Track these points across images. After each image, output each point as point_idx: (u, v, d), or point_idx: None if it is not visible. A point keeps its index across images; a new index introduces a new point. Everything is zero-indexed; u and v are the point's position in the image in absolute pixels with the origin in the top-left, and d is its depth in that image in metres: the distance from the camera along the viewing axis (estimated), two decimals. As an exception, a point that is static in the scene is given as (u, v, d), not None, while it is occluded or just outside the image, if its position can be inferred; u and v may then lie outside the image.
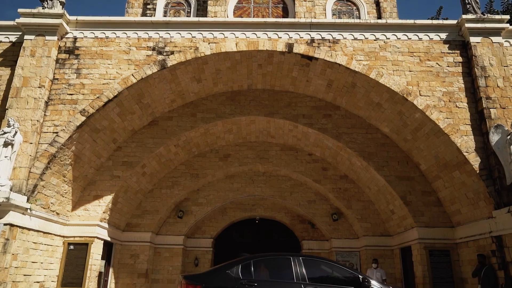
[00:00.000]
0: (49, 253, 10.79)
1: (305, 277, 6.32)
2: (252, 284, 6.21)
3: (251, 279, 6.28)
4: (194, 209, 14.84)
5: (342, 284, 6.35)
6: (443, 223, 11.76)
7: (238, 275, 6.31)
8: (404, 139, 11.96)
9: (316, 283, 6.31)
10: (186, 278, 6.37)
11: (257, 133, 14.15)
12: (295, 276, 6.32)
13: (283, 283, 6.28)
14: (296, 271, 6.37)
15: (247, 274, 6.35)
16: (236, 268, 6.41)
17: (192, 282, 6.24)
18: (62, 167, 10.52)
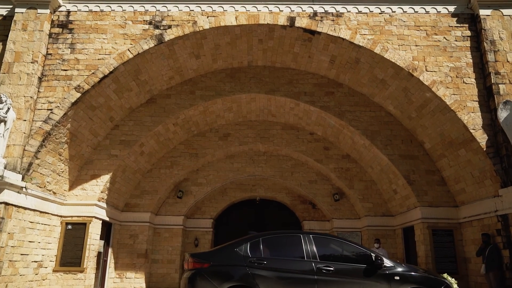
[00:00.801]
0: (46, 233, 10.61)
1: (316, 255, 6.12)
2: (261, 262, 6.02)
3: (260, 257, 6.09)
4: (194, 189, 14.64)
5: (354, 262, 6.15)
6: (446, 202, 11.56)
7: (246, 253, 6.12)
8: (408, 116, 11.65)
9: (327, 261, 6.10)
10: (193, 256, 6.18)
11: (258, 111, 13.83)
12: (305, 254, 6.12)
13: (293, 261, 6.08)
14: (307, 249, 6.17)
15: (256, 252, 6.15)
16: (245, 246, 6.22)
17: (200, 260, 6.05)
18: (57, 145, 10.25)
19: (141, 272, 13.13)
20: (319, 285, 5.89)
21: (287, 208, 16.16)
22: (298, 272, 5.95)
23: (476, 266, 10.42)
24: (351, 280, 5.94)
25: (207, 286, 5.83)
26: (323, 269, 5.99)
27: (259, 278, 5.87)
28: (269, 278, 5.88)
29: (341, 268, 6.02)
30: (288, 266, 6.05)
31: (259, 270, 5.94)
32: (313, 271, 5.97)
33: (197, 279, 5.90)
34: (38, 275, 10.26)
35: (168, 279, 13.76)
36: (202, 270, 5.95)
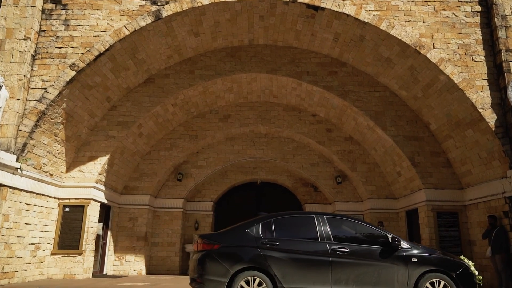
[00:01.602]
0: (43, 215, 10.41)
1: (330, 236, 5.90)
2: (273, 243, 5.81)
3: (272, 238, 5.87)
4: (194, 172, 14.41)
5: (369, 243, 5.93)
6: (452, 184, 11.32)
7: (258, 234, 5.92)
8: (414, 96, 11.31)
9: (342, 242, 5.89)
10: (202, 237, 5.97)
11: (259, 92, 13.49)
12: (319, 235, 5.90)
13: (307, 243, 5.87)
14: (320, 230, 5.95)
15: (267, 233, 5.94)
16: (256, 227, 6.00)
17: (210, 241, 5.85)
18: (53, 125, 9.96)
19: (141, 255, 12.99)
20: (334, 267, 5.70)
21: (288, 191, 15.95)
22: (311, 253, 5.75)
23: (481, 249, 10.22)
24: (367, 262, 5.74)
25: (217, 268, 5.65)
26: (337, 250, 5.79)
27: (271, 260, 5.69)
28: (282, 260, 5.69)
29: (356, 250, 5.82)
30: (301, 247, 5.85)
31: (271, 252, 5.75)
32: (327, 252, 5.77)
33: (207, 260, 5.71)
34: (35, 258, 10.10)
35: (168, 262, 13.64)
36: (212, 252, 5.76)
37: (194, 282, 5.82)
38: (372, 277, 5.69)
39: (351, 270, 5.69)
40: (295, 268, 5.70)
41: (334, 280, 5.65)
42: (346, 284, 5.65)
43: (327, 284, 5.63)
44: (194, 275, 5.81)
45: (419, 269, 5.76)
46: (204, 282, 5.64)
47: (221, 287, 5.59)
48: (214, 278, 5.61)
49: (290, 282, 5.61)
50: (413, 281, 5.72)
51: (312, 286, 5.61)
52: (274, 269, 5.64)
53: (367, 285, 5.67)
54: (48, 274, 10.65)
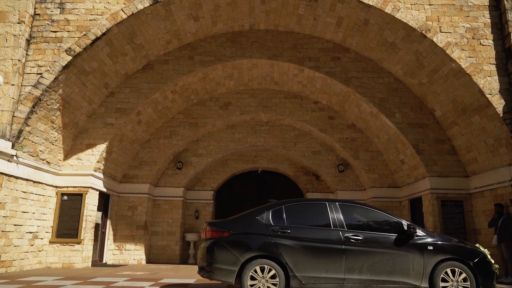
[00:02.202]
0: (41, 203, 10.23)
1: (343, 224, 5.72)
2: (285, 230, 5.62)
3: (283, 226, 5.68)
4: (194, 160, 14.21)
5: (384, 231, 5.74)
6: (457, 172, 11.12)
7: (269, 221, 5.73)
8: (419, 82, 11.05)
9: (355, 230, 5.71)
10: (211, 225, 5.79)
11: (260, 79, 13.22)
12: (332, 223, 5.72)
13: (319, 230, 5.68)
14: (333, 217, 5.76)
15: (278, 220, 5.75)
16: (267, 214, 5.81)
17: (219, 229, 5.68)
18: (49, 112, 9.72)
19: (140, 244, 12.86)
20: (347, 255, 5.52)
21: (290, 180, 15.77)
22: (324, 241, 5.56)
23: (487, 238, 10.06)
24: (381, 250, 5.55)
25: (227, 256, 5.47)
26: (351, 238, 5.61)
27: (283, 248, 5.51)
28: (293, 248, 5.51)
29: (370, 237, 5.63)
30: (313, 235, 5.65)
31: (283, 239, 5.57)
32: (340, 240, 5.59)
33: (216, 248, 5.53)
34: (33, 246, 9.95)
35: (169, 251, 13.51)
36: (222, 239, 5.57)
37: (203, 270, 5.65)
38: (387, 265, 5.50)
39: (365, 258, 5.51)
40: (307, 256, 5.52)
41: (348, 268, 5.47)
42: (360, 273, 5.48)
43: (340, 272, 5.46)
44: (203, 264, 5.64)
45: (435, 258, 5.57)
46: (214, 271, 5.48)
47: (231, 275, 5.43)
48: (224, 266, 5.45)
49: (302, 270, 5.44)
50: (429, 270, 5.53)
51: (324, 274, 5.44)
52: (285, 257, 5.47)
53: (381, 273, 5.49)
54: (47, 263, 10.51)
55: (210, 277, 5.54)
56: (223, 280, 5.48)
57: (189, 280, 7.99)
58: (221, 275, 5.45)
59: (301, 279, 5.42)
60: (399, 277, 5.48)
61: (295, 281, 5.42)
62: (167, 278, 8.30)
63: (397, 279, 5.47)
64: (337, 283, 5.45)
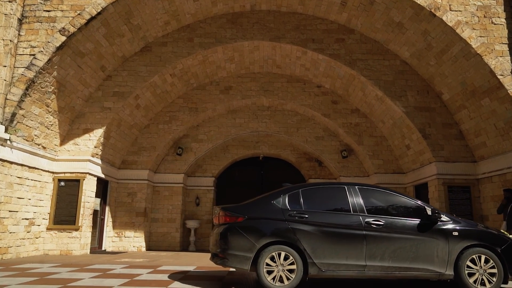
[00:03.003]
0: (37, 189, 9.98)
1: (363, 208, 5.44)
2: (302, 215, 5.33)
3: (300, 210, 5.40)
4: (194, 146, 13.91)
5: (406, 216, 5.44)
6: (464, 157, 10.81)
7: (285, 206, 5.44)
8: (426, 64, 10.67)
9: (376, 215, 5.42)
10: (225, 210, 5.51)
11: (261, 62, 12.84)
12: (351, 207, 5.44)
13: (338, 215, 5.39)
14: (353, 202, 5.48)
15: (295, 205, 5.47)
16: (283, 198, 5.52)
17: (233, 214, 5.39)
18: (43, 95, 9.40)
19: (140, 231, 12.65)
20: (368, 241, 5.24)
21: (292, 166, 15.49)
22: (344, 227, 5.29)
23: (495, 224, 9.79)
24: (404, 235, 5.27)
25: (242, 242, 5.18)
26: (372, 223, 5.32)
27: (301, 234, 5.20)
28: (312, 234, 5.23)
29: (391, 223, 5.34)
30: (332, 220, 5.36)
31: (300, 225, 5.25)
32: (361, 225, 5.31)
33: (230, 234, 5.25)
34: (30, 233, 9.72)
35: (169, 238, 13.31)
36: (236, 225, 5.29)
37: (216, 257, 5.40)
38: (410, 252, 5.23)
39: (386, 245, 5.24)
40: (327, 243, 5.23)
41: (369, 255, 5.20)
42: (382, 260, 5.21)
43: (361, 259, 5.20)
44: (216, 250, 5.38)
45: (461, 244, 5.28)
46: (228, 257, 5.21)
47: (246, 262, 5.16)
48: (239, 253, 5.18)
49: (321, 257, 5.17)
50: (454, 257, 5.24)
51: (345, 261, 5.18)
52: (303, 244, 5.19)
53: (404, 260, 5.21)
54: (44, 250, 10.30)
55: (224, 264, 5.28)
56: (237, 267, 5.22)
57: (188, 267, 7.76)
58: (236, 262, 5.19)
59: (320, 266, 5.16)
60: (422, 264, 5.21)
61: (313, 268, 5.16)
62: (166, 265, 8.07)
63: (420, 266, 5.20)
64: (358, 270, 5.19)
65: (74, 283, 5.54)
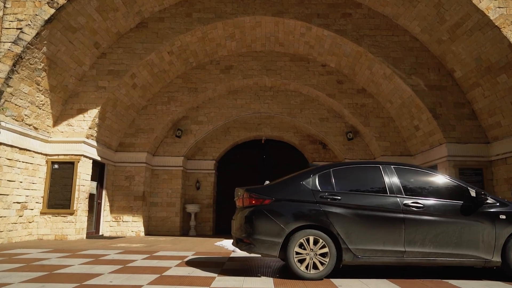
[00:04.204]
0: (29, 172, 9.54)
1: (400, 189, 5.00)
2: (335, 197, 4.89)
3: (333, 192, 4.95)
4: (194, 128, 13.42)
5: (447, 198, 4.99)
6: (476, 138, 10.29)
7: (315, 187, 4.99)
8: (438, 40, 10.07)
9: (415, 196, 4.98)
10: (250, 191, 5.06)
11: (263, 39, 12.24)
12: (388, 189, 4.99)
13: (374, 197, 4.95)
14: (389, 182, 5.03)
15: (326, 186, 5.01)
16: (313, 178, 5.06)
17: (259, 196, 4.95)
18: (33, 72, 8.88)
19: (139, 216, 12.26)
20: (407, 225, 4.80)
21: (295, 149, 15.02)
22: (380, 209, 4.86)
23: (508, 208, 9.31)
24: (446, 219, 4.84)
25: (269, 226, 4.77)
26: (411, 205, 4.87)
27: (334, 217, 4.78)
28: (346, 217, 4.78)
29: (432, 205, 4.91)
30: (368, 202, 4.90)
31: (333, 207, 4.83)
32: (399, 208, 4.87)
33: (257, 218, 4.83)
34: (22, 217, 9.32)
35: (168, 223, 12.93)
36: (263, 207, 4.87)
37: (241, 242, 4.97)
38: (453, 236, 4.79)
39: (427, 229, 4.81)
40: (362, 227, 4.79)
41: (408, 240, 4.78)
42: (422, 245, 4.78)
43: (400, 244, 4.77)
44: (241, 235, 4.95)
45: (509, 228, 4.81)
46: (254, 243, 4.79)
47: (275, 248, 4.74)
48: (266, 238, 4.75)
49: (356, 242, 4.75)
50: (501, 242, 4.79)
51: (382, 247, 4.76)
52: (337, 228, 4.75)
53: (446, 246, 4.78)
54: (38, 235, 9.93)
55: (250, 250, 4.86)
56: (265, 253, 4.80)
57: (187, 253, 7.35)
58: (263, 248, 4.77)
59: (355, 252, 4.74)
60: (466, 249, 4.78)
61: (348, 255, 4.73)
62: (164, 250, 7.66)
63: (464, 252, 4.77)
64: (396, 257, 4.76)
65: (61, 270, 5.12)
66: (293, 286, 4.30)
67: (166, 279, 4.58)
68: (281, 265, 5.97)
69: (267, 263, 6.14)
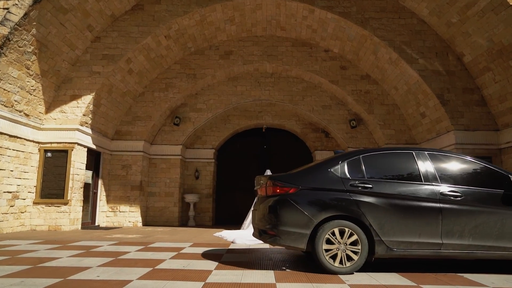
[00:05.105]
0: (20, 160, 9.18)
1: (436, 177, 4.66)
2: (366, 185, 4.54)
3: (363, 180, 4.60)
4: (193, 115, 13.02)
5: (487, 186, 4.64)
6: (486, 125, 9.90)
7: (345, 175, 4.63)
8: (447, 22, 9.61)
9: (452, 184, 4.64)
10: (274, 179, 4.69)
11: (264, 23, 11.78)
12: (422, 176, 4.66)
13: (408, 185, 4.60)
14: (423, 170, 4.70)
15: (356, 173, 4.66)
16: (341, 166, 4.69)
17: (285, 184, 4.60)
18: (22, 55, 8.46)
19: (136, 205, 11.92)
20: (445, 216, 4.47)
21: (296, 138, 14.63)
22: (416, 198, 4.52)
23: (519, 197, 8.95)
24: (486, 209, 4.49)
25: (296, 217, 4.44)
26: (448, 194, 4.54)
27: (365, 207, 4.45)
28: (378, 207, 4.46)
29: (471, 194, 4.57)
30: (402, 191, 4.51)
31: (365, 196, 4.50)
32: (435, 197, 4.52)
33: (282, 208, 4.50)
34: (14, 207, 8.98)
35: (167, 213, 12.60)
36: (288, 197, 4.52)
37: (264, 234, 4.63)
38: (494, 228, 4.44)
39: (466, 220, 4.47)
40: (396, 217, 4.44)
41: (445, 231, 4.44)
42: (461, 237, 4.44)
43: (437, 236, 4.43)
44: (265, 226, 4.61)
45: None
46: (280, 235, 4.47)
47: (302, 240, 4.41)
48: (293, 229, 4.42)
49: (390, 234, 4.41)
50: None
51: (417, 239, 4.42)
52: (369, 218, 4.41)
53: (487, 238, 4.43)
54: (31, 226, 9.60)
55: (275, 242, 4.52)
56: (291, 246, 4.46)
57: (184, 244, 7.01)
58: (290, 240, 4.43)
59: (388, 245, 4.40)
60: (509, 242, 4.43)
61: (381, 247, 4.39)
62: (160, 242, 7.33)
63: (507, 244, 4.43)
64: (433, 249, 4.44)
65: (47, 263, 4.77)
66: (296, 280, 3.94)
67: (158, 273, 4.23)
68: (284, 257, 5.62)
69: (268, 255, 5.79)
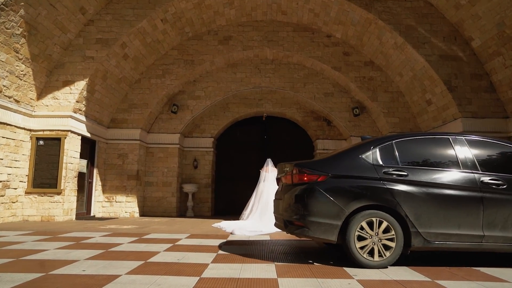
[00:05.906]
0: (11, 148, 8.83)
1: (476, 165, 4.35)
2: (401, 173, 4.22)
3: (397, 167, 4.27)
4: (191, 103, 12.63)
5: None
6: (494, 113, 9.54)
7: (377, 162, 4.31)
8: (455, 5, 9.19)
9: (493, 172, 4.33)
10: (301, 166, 4.37)
11: (265, 7, 11.34)
12: (461, 163, 4.34)
13: (446, 173, 4.28)
14: (462, 157, 4.38)
15: (389, 160, 4.34)
16: (373, 152, 4.38)
17: (313, 172, 4.26)
18: (10, 37, 8.06)
19: (132, 196, 11.60)
20: (486, 206, 4.17)
21: (298, 126, 14.26)
22: (455, 187, 4.19)
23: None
24: None
25: (326, 207, 4.13)
26: (490, 183, 4.24)
27: (400, 196, 4.14)
28: (415, 196, 4.14)
29: None
30: (439, 179, 4.19)
31: (399, 185, 4.18)
32: (476, 186, 4.21)
33: (310, 197, 4.17)
34: (5, 197, 8.66)
35: (164, 203, 12.29)
36: (317, 185, 4.20)
37: (291, 225, 4.31)
38: None
39: (510, 210, 4.17)
40: (434, 207, 4.11)
41: (487, 223, 4.13)
42: (504, 229, 4.12)
43: (477, 228, 4.13)
44: (291, 216, 4.29)
45: None
46: (308, 226, 4.14)
47: (333, 232, 4.11)
48: (323, 220, 4.11)
49: (427, 225, 4.09)
50: None
51: (456, 230, 4.12)
52: (404, 208, 4.09)
53: None
54: (23, 216, 9.28)
55: (303, 233, 4.19)
56: (321, 238, 4.15)
57: (180, 235, 6.70)
58: (319, 232, 4.12)
59: (425, 237, 4.09)
60: None
61: (417, 239, 4.08)
62: (156, 233, 7.01)
63: None
64: (473, 242, 4.14)
65: (31, 255, 4.45)
66: (299, 275, 3.62)
67: (150, 267, 3.91)
68: (285, 249, 5.30)
69: (270, 247, 5.48)
